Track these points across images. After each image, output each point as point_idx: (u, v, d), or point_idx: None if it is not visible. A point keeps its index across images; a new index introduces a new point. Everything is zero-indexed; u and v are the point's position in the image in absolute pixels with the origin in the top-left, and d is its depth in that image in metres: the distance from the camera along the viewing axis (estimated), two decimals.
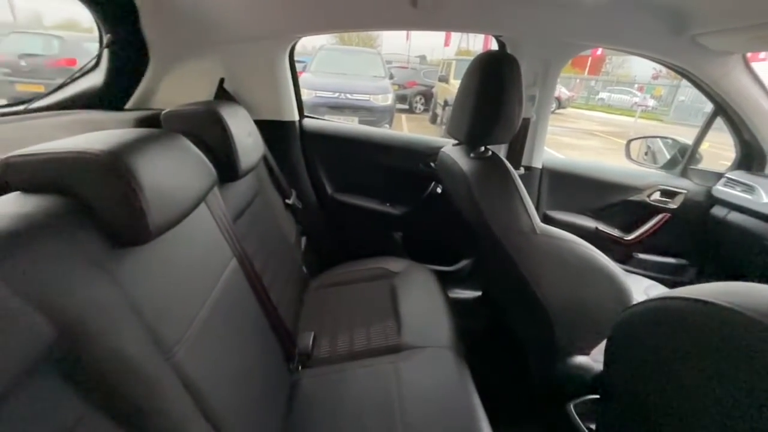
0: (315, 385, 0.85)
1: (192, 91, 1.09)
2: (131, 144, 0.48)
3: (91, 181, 0.44)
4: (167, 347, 0.48)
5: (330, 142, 1.39)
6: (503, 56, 0.78)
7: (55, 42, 5.45)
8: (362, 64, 5.98)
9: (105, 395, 0.39)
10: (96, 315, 0.39)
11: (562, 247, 0.75)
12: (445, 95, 7.01)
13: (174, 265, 0.56)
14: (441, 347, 0.93)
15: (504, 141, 0.81)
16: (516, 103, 0.76)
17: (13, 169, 0.44)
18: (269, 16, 1.02)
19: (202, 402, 0.51)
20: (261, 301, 0.82)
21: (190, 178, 0.58)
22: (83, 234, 0.42)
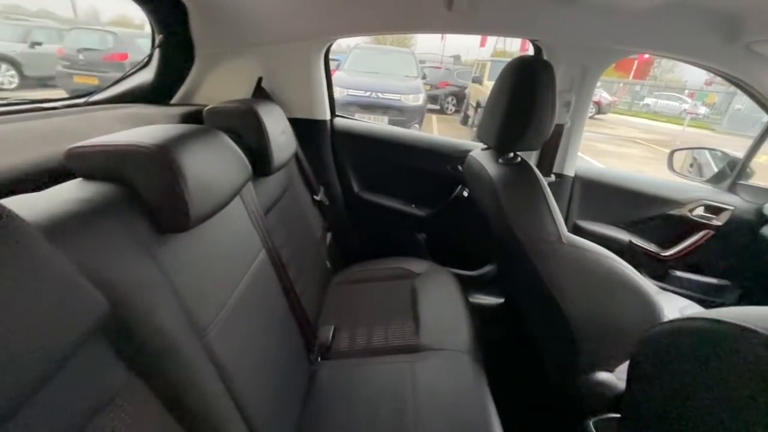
0: (333, 376, 0.88)
1: (232, 88, 1.15)
2: (178, 139, 0.52)
3: (141, 172, 0.48)
4: (201, 328, 0.52)
5: (359, 141, 1.41)
6: (537, 62, 0.77)
7: (110, 37, 5.86)
8: (395, 63, 6.00)
9: (146, 367, 0.44)
10: (141, 293, 0.43)
11: (588, 259, 0.73)
12: (478, 97, 6.89)
13: (209, 253, 0.60)
14: (458, 351, 0.93)
15: (534, 147, 0.80)
16: (548, 110, 0.75)
17: (76, 158, 0.49)
18: (307, 19, 1.06)
19: (228, 381, 0.55)
20: (286, 292, 0.85)
21: (228, 172, 0.62)
22: (133, 219, 0.47)
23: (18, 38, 6.02)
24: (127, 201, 0.47)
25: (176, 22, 1.00)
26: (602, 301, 0.75)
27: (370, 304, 1.14)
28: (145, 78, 1.08)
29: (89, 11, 17.47)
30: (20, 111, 0.75)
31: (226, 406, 0.54)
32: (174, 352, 0.46)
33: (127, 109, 0.96)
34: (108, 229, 0.43)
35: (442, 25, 1.04)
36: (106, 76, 5.33)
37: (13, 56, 5.79)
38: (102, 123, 0.81)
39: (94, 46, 5.70)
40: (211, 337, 0.54)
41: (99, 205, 0.43)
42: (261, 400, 0.63)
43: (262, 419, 0.61)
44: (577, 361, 0.84)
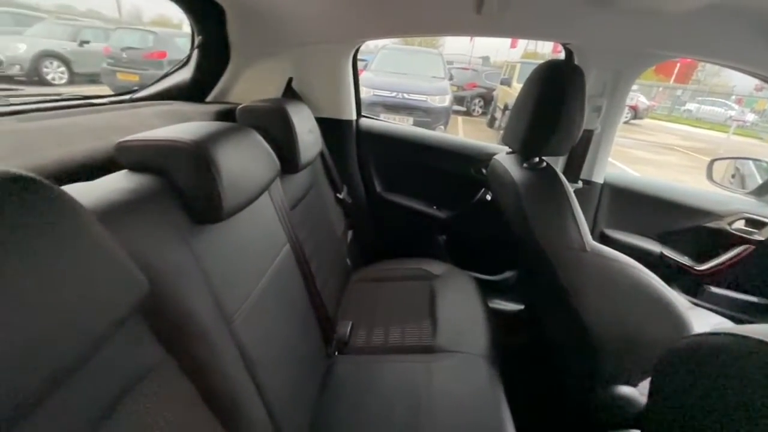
0: (349, 370, 0.90)
1: (264, 88, 1.20)
2: (214, 136, 0.55)
3: (181, 165, 0.52)
4: (228, 314, 0.55)
5: (383, 141, 1.43)
6: (567, 66, 0.76)
7: (150, 37, 6.19)
8: (422, 64, 5.98)
9: (178, 348, 0.47)
10: (176, 277, 0.47)
11: (613, 268, 0.71)
12: (506, 99, 6.76)
13: (238, 244, 0.63)
14: (475, 355, 0.93)
15: (560, 153, 0.79)
16: (577, 115, 0.74)
17: (124, 151, 0.53)
18: (337, 22, 1.08)
19: (251, 366, 0.58)
20: (307, 286, 0.88)
21: (258, 168, 0.65)
22: (172, 209, 0.51)
23: (68, 37, 6.45)
24: (167, 192, 0.51)
25: (214, 24, 1.05)
26: (626, 312, 0.73)
27: (388, 303, 1.15)
28: (184, 77, 1.14)
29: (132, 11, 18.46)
30: (73, 106, 0.82)
31: (247, 390, 0.56)
32: (203, 335, 0.49)
33: (167, 106, 1.02)
34: (150, 217, 0.47)
35: (471, 28, 1.04)
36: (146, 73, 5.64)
37: (64, 54, 6.20)
38: (144, 119, 0.87)
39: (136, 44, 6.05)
40: (236, 323, 0.57)
41: (143, 195, 0.47)
42: (280, 388, 0.65)
43: (280, 405, 0.64)
44: (598, 374, 0.82)
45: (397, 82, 5.21)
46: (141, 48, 5.99)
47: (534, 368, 1.16)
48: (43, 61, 5.98)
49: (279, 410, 0.63)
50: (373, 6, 1.01)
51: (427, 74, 5.73)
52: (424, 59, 6.19)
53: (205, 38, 1.06)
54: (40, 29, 6.54)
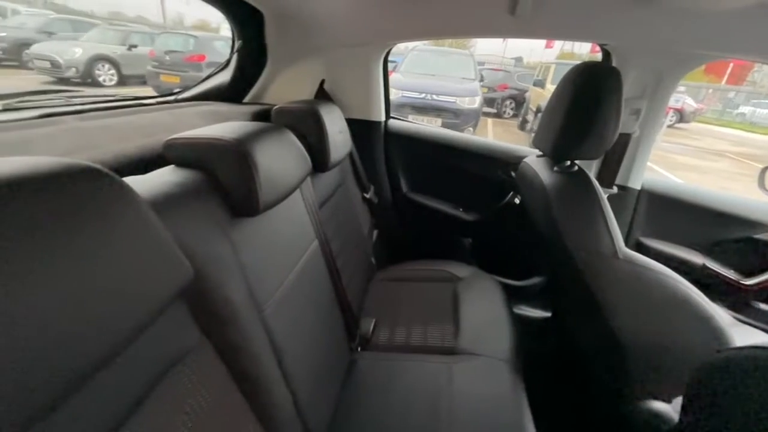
0: (371, 366, 0.91)
1: (297, 90, 1.24)
2: (253, 135, 0.59)
3: (222, 162, 0.56)
4: (260, 303, 0.59)
5: (411, 143, 1.44)
6: (603, 68, 0.74)
7: (191, 40, 6.55)
8: (452, 65, 5.94)
9: (213, 332, 0.50)
10: (216, 265, 0.50)
11: (646, 277, 0.69)
12: (539, 101, 6.57)
13: (271, 238, 0.67)
14: (498, 359, 0.92)
15: (592, 157, 0.77)
16: (612, 118, 0.72)
17: (171, 148, 0.58)
18: (370, 24, 1.11)
19: (279, 354, 0.61)
20: (333, 281, 0.91)
21: (292, 166, 0.68)
22: (213, 202, 0.55)
23: (119, 41, 6.94)
24: (209, 186, 0.55)
25: (253, 29, 1.10)
26: (661, 324, 0.70)
27: (411, 303, 1.16)
28: (223, 79, 1.20)
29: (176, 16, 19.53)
30: (125, 106, 0.89)
31: (275, 376, 0.59)
32: (237, 321, 0.52)
33: (207, 107, 1.08)
34: (194, 209, 0.50)
35: (504, 30, 1.03)
36: (186, 75, 5.98)
37: (114, 57, 6.67)
38: (187, 118, 0.93)
39: (178, 48, 6.42)
40: (267, 312, 0.60)
41: (188, 189, 0.51)
42: (305, 377, 0.68)
43: (304, 394, 0.66)
44: (629, 387, 0.79)
45: (426, 84, 5.20)
46: (182, 51, 6.36)
47: (559, 378, 1.13)
48: (96, 64, 6.47)
49: (303, 399, 0.66)
50: (405, 8, 1.02)
51: (457, 75, 5.68)
52: (454, 60, 6.14)
53: (244, 43, 1.12)
54: (94, 34, 7.09)
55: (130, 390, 0.39)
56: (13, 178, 0.27)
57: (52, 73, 6.14)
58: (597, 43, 1.10)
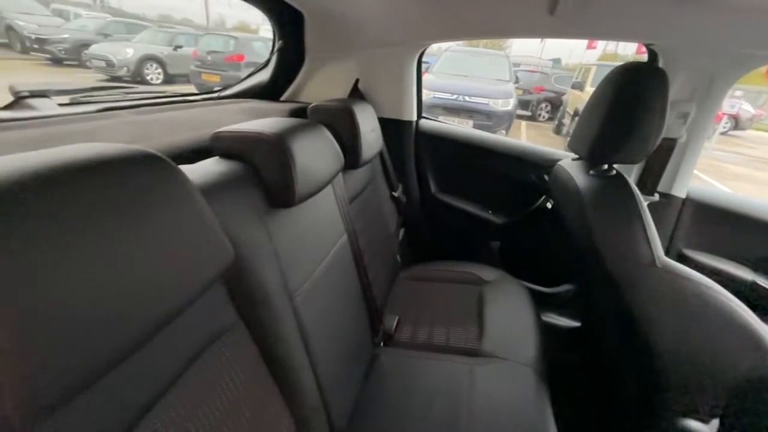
0: (393, 363, 0.92)
1: (332, 88, 1.27)
2: (292, 131, 0.62)
3: (263, 155, 0.59)
4: (291, 290, 0.62)
5: (442, 143, 1.43)
6: (648, 69, 0.71)
7: (231, 41, 6.87)
8: (486, 66, 5.84)
9: (247, 314, 0.54)
10: (253, 251, 0.54)
11: (686, 288, 0.65)
12: (577, 104, 6.32)
13: (304, 230, 0.70)
14: (522, 364, 0.90)
15: (632, 161, 0.74)
16: (655, 122, 0.69)
17: (218, 140, 0.62)
18: (406, 24, 1.12)
19: (306, 340, 0.64)
20: (360, 276, 0.93)
21: (326, 162, 0.71)
22: (254, 191, 0.59)
23: (166, 42, 7.40)
24: (250, 177, 0.59)
25: (293, 30, 1.15)
26: (701, 338, 0.66)
27: (435, 303, 1.16)
28: (263, 78, 1.26)
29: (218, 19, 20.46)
30: (174, 102, 0.96)
31: (303, 362, 0.62)
32: (270, 305, 0.55)
33: (247, 104, 1.14)
34: (236, 197, 0.54)
35: (543, 30, 1.01)
36: (225, 74, 6.27)
37: (161, 57, 7.11)
38: (229, 114, 0.98)
39: (220, 48, 6.75)
40: (297, 300, 0.63)
41: (231, 178, 0.55)
42: (330, 366, 0.70)
43: (329, 382, 0.69)
44: (663, 404, 0.75)
45: (459, 85, 5.15)
46: (223, 51, 6.67)
47: (586, 390, 1.09)
48: (145, 64, 6.93)
49: (327, 386, 0.68)
50: (441, 9, 1.02)
51: (491, 77, 5.58)
52: (488, 61, 6.04)
53: (284, 43, 1.16)
54: (145, 36, 7.60)
55: (172, 362, 0.42)
56: (89, 161, 0.31)
57: (106, 72, 6.65)
58: (643, 43, 1.05)
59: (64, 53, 7.16)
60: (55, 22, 8.43)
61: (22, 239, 0.24)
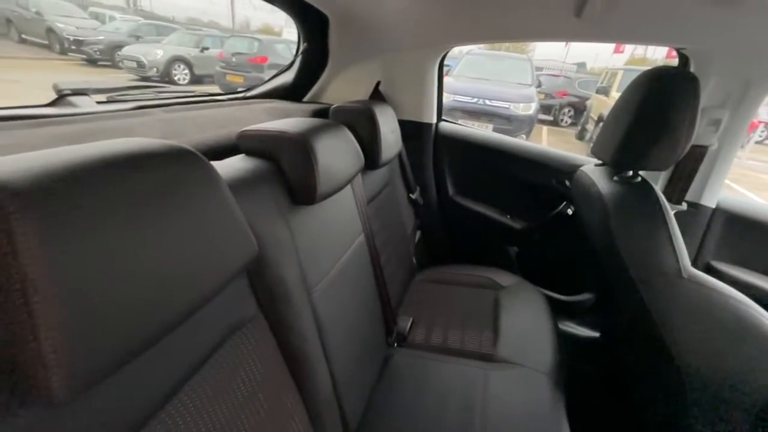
0: (406, 363, 0.93)
1: (354, 90, 1.29)
2: (315, 130, 0.64)
3: (286, 153, 0.61)
4: (310, 286, 0.63)
5: (461, 146, 1.43)
6: (679, 73, 0.69)
7: (256, 43, 7.06)
8: (508, 70, 5.77)
9: (269, 307, 0.55)
10: (275, 246, 0.55)
11: (714, 300, 0.63)
12: (602, 109, 6.16)
13: (323, 227, 0.71)
14: (538, 371, 0.89)
15: (658, 168, 0.72)
16: (684, 128, 0.67)
17: (244, 139, 0.64)
18: (429, 28, 1.12)
19: (323, 336, 0.65)
20: (375, 275, 0.94)
21: (347, 162, 0.72)
22: (277, 188, 0.60)
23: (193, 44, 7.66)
24: (274, 175, 0.61)
25: (318, 33, 1.17)
26: (730, 355, 0.64)
27: (450, 306, 1.15)
28: (286, 79, 1.29)
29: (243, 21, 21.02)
30: (202, 101, 0.99)
31: (319, 356, 0.63)
32: (289, 299, 0.57)
33: (272, 104, 1.17)
34: (260, 194, 0.56)
35: (569, 33, 0.99)
36: (249, 75, 6.44)
37: (188, 58, 7.36)
38: (254, 113, 1.01)
39: (244, 50, 6.95)
40: (315, 296, 0.64)
41: (256, 175, 0.57)
42: (345, 362, 0.71)
43: (343, 378, 0.70)
44: (686, 422, 0.72)
45: (479, 88, 5.11)
46: (247, 53, 6.85)
47: (604, 403, 1.06)
48: (173, 65, 7.20)
49: (341, 382, 0.69)
50: (465, 12, 1.02)
51: (512, 80, 5.52)
52: (510, 65, 5.97)
53: (309, 45, 1.19)
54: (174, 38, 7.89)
55: (195, 350, 0.44)
56: (131, 154, 0.33)
57: (137, 72, 6.93)
58: (674, 47, 1.02)
59: (99, 54, 7.51)
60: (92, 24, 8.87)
61: (72, 225, 0.26)
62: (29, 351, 0.24)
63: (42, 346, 0.24)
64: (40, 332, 0.24)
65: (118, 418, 0.35)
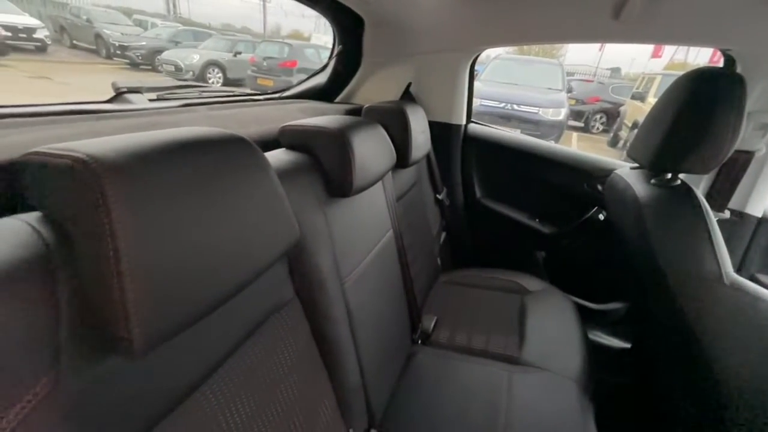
0: (430, 361, 0.93)
1: (384, 92, 1.32)
2: (352, 126, 0.66)
3: (325, 147, 0.64)
4: (342, 275, 0.65)
5: (490, 148, 1.42)
6: (723, 74, 0.67)
7: (286, 48, 7.27)
8: (537, 75, 5.67)
9: (304, 292, 0.58)
10: (312, 235, 0.58)
11: (758, 308, 0.60)
12: (636, 116, 5.91)
13: (355, 220, 0.74)
14: (564, 377, 0.87)
15: (699, 171, 0.70)
16: (728, 131, 0.64)
17: (285, 133, 0.68)
18: (463, 29, 1.13)
19: (353, 326, 0.67)
20: (403, 272, 0.95)
21: (381, 158, 0.75)
22: (315, 180, 0.64)
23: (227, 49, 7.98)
24: (312, 167, 0.64)
25: (353, 35, 1.21)
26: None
27: (474, 308, 1.15)
28: (320, 80, 1.34)
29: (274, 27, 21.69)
30: (241, 101, 1.05)
31: (349, 344, 0.65)
32: (323, 286, 0.60)
33: (306, 104, 1.21)
34: (300, 185, 0.59)
35: (607, 35, 0.97)
36: (278, 79, 6.64)
37: (222, 62, 7.67)
38: (290, 112, 1.06)
39: (275, 54, 7.16)
40: (347, 285, 0.66)
41: (296, 167, 0.61)
42: (373, 352, 0.73)
43: (370, 369, 0.71)
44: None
45: (507, 93, 5.05)
46: (278, 58, 7.07)
47: (636, 413, 1.02)
48: (208, 68, 7.51)
49: (369, 372, 0.71)
50: (499, 14, 1.03)
51: (542, 85, 5.42)
52: (539, 70, 5.86)
53: (343, 47, 1.23)
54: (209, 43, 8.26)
55: (241, 325, 0.47)
56: (195, 139, 0.36)
57: (175, 75, 7.30)
58: (719, 49, 0.98)
59: (141, 59, 7.98)
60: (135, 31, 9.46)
61: (150, 194, 0.29)
62: (116, 303, 0.27)
63: (126, 296, 0.27)
64: (125, 282, 0.27)
65: (172, 383, 0.38)
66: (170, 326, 0.30)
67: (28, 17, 7.63)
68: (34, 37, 7.32)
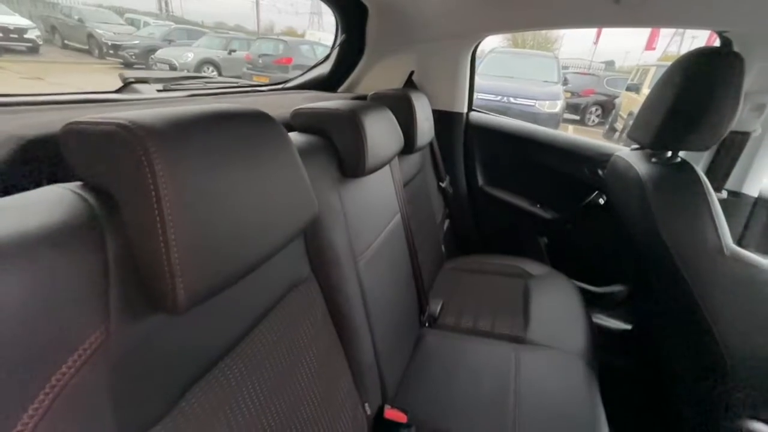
0: (439, 343, 0.95)
1: (387, 80, 1.33)
2: (364, 109, 0.68)
3: (338, 129, 0.65)
4: (356, 254, 0.67)
5: (491, 135, 1.44)
6: (722, 53, 0.69)
7: (281, 45, 7.24)
8: (533, 68, 5.69)
9: (319, 269, 0.60)
10: (327, 213, 0.60)
11: (758, 279, 0.62)
12: (632, 107, 5.96)
13: (367, 201, 0.76)
14: (570, 353, 0.89)
15: (698, 148, 0.72)
16: (726, 109, 0.66)
17: (297, 117, 0.69)
18: (466, 16, 1.14)
19: (366, 302, 0.69)
20: (411, 255, 0.97)
21: (390, 140, 0.76)
22: (329, 161, 0.65)
23: (221, 47, 7.92)
24: (326, 149, 0.66)
25: (356, 24, 1.22)
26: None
27: (479, 293, 1.17)
28: (323, 71, 1.34)
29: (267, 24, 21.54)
30: (247, 91, 1.06)
31: (362, 321, 0.67)
32: (338, 263, 0.61)
33: (309, 93, 1.23)
34: (315, 165, 0.61)
35: (607, 19, 0.99)
36: (274, 76, 6.62)
37: (217, 60, 7.62)
38: (295, 101, 1.07)
39: (270, 51, 7.13)
40: (360, 264, 0.68)
41: (311, 149, 0.62)
42: (384, 332, 0.75)
43: (382, 347, 0.73)
44: (729, 405, 0.72)
45: (503, 86, 5.06)
46: (273, 55, 7.04)
47: (639, 395, 1.05)
48: (203, 66, 7.46)
49: (381, 350, 0.72)
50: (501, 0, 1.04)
51: (538, 78, 5.44)
52: (535, 63, 5.88)
53: (346, 37, 1.24)
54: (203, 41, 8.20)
55: (264, 299, 0.49)
56: (225, 113, 0.37)
57: None
58: (717, 31, 1.00)
59: (134, 58, 7.91)
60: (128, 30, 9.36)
61: (188, 159, 0.31)
62: (162, 260, 0.28)
63: (171, 253, 0.28)
64: (170, 240, 0.28)
65: (206, 347, 0.40)
66: (209, 285, 0.32)
67: (19, 17, 7.54)
68: (25, 38, 7.24)
